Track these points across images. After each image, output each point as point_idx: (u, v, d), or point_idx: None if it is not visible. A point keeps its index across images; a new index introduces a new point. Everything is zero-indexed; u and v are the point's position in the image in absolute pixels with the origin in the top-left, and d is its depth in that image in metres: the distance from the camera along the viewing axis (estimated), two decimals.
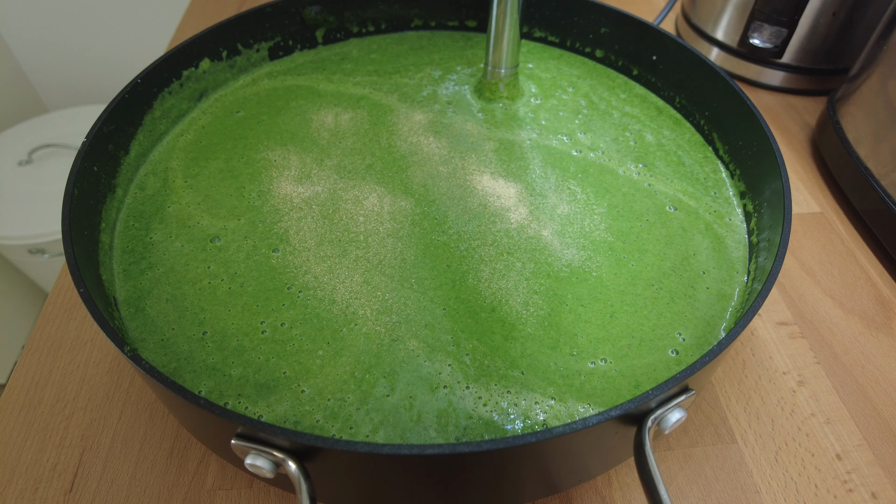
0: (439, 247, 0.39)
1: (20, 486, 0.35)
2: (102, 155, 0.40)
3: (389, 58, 0.55)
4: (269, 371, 0.33)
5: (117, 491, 0.35)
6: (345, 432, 0.31)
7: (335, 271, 0.38)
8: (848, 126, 0.53)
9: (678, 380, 0.26)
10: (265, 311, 0.36)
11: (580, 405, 0.32)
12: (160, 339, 0.34)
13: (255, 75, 0.52)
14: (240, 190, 0.43)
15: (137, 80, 0.43)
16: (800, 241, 0.50)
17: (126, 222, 0.40)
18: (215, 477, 0.36)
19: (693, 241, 0.40)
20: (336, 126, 0.48)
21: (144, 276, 0.37)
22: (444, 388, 0.33)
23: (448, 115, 0.49)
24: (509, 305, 0.36)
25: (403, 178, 0.44)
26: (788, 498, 0.36)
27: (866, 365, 0.42)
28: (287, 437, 0.24)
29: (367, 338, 0.35)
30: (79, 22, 1.38)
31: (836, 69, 0.63)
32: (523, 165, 0.45)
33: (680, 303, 0.37)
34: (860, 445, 0.38)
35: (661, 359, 0.34)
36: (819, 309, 0.45)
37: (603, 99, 0.51)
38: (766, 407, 0.40)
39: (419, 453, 0.23)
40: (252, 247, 0.39)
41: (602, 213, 0.42)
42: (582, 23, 0.53)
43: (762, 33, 0.62)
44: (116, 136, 0.41)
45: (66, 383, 0.40)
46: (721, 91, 0.44)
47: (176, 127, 0.47)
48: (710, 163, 0.46)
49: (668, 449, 0.38)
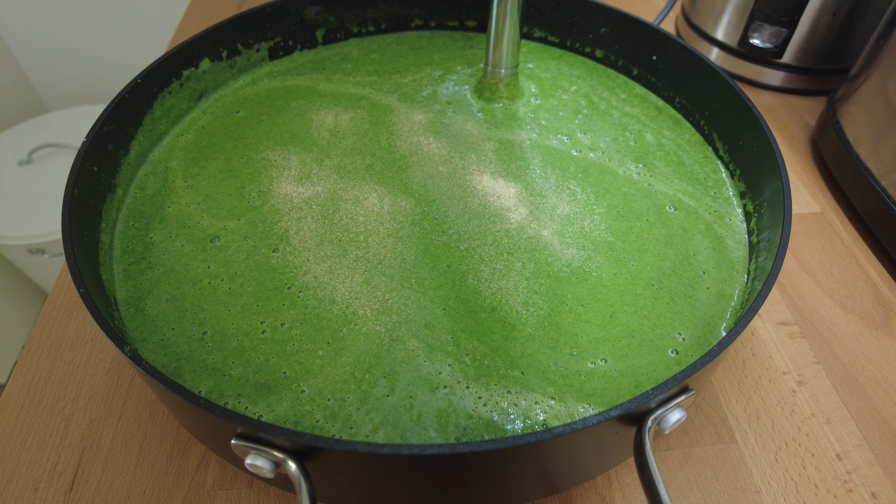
0: (439, 247, 0.39)
1: (20, 485, 0.35)
2: (102, 155, 0.40)
3: (389, 58, 0.55)
4: (269, 371, 0.33)
5: (117, 491, 0.35)
6: (345, 432, 0.31)
7: (335, 271, 0.38)
8: (848, 126, 0.53)
9: (678, 380, 0.26)
10: (265, 311, 0.36)
11: (580, 405, 0.32)
12: (160, 339, 0.34)
13: (255, 75, 0.52)
14: (240, 190, 0.43)
15: (137, 80, 0.43)
16: (800, 241, 0.50)
17: (126, 222, 0.40)
18: (215, 477, 0.36)
19: (693, 241, 0.40)
20: (336, 126, 0.48)
21: (144, 276, 0.37)
22: (444, 388, 0.33)
23: (448, 115, 0.49)
24: (509, 305, 0.36)
25: (403, 178, 0.44)
26: (788, 498, 0.36)
27: (866, 365, 0.42)
28: (287, 437, 0.24)
29: (367, 338, 0.35)
30: (79, 22, 1.38)
31: (836, 69, 0.63)
32: (523, 165, 0.45)
33: (680, 303, 0.37)
34: (860, 445, 0.38)
35: (661, 359, 0.34)
36: (819, 309, 0.45)
37: (603, 99, 0.51)
38: (766, 407, 0.40)
39: (419, 453, 0.23)
40: (252, 247, 0.39)
41: (602, 213, 0.42)
42: (582, 23, 0.53)
43: (762, 33, 0.62)
44: (116, 136, 0.41)
45: (66, 383, 0.40)
46: (721, 91, 0.44)
47: (176, 127, 0.47)
48: (710, 163, 0.46)
49: (668, 449, 0.38)
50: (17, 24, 1.36)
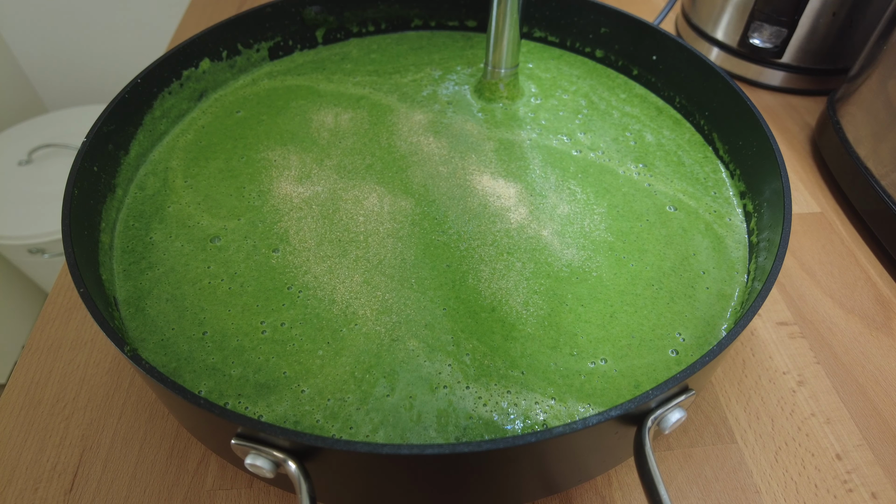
0: (439, 247, 0.39)
1: (20, 485, 0.35)
2: (102, 155, 0.40)
3: (389, 58, 0.55)
4: (269, 371, 0.33)
5: (117, 491, 0.35)
6: (345, 432, 0.31)
7: (335, 271, 0.38)
8: (848, 126, 0.53)
9: (678, 380, 0.26)
10: (265, 311, 0.36)
11: (580, 405, 0.32)
12: (160, 339, 0.34)
13: (255, 75, 0.52)
14: (240, 190, 0.43)
15: (137, 80, 0.43)
16: (800, 241, 0.50)
17: (126, 222, 0.40)
18: (215, 477, 0.36)
19: (693, 241, 0.40)
20: (336, 126, 0.48)
21: (144, 276, 0.37)
22: (443, 388, 0.33)
23: (448, 115, 0.49)
24: (509, 305, 0.36)
25: (403, 178, 0.44)
26: (788, 498, 0.36)
27: (866, 365, 0.42)
28: (287, 437, 0.24)
29: (367, 338, 0.35)
30: (79, 22, 1.38)
31: (835, 69, 0.63)
32: (523, 165, 0.45)
33: (680, 303, 0.37)
34: (860, 445, 0.38)
35: (661, 359, 0.34)
36: (819, 309, 0.45)
37: (603, 99, 0.51)
38: (765, 407, 0.40)
39: (419, 453, 0.23)
40: (252, 247, 0.39)
41: (602, 213, 0.42)
42: (582, 23, 0.53)
43: (762, 33, 0.62)
44: (116, 136, 0.41)
45: (66, 383, 0.40)
46: (721, 91, 0.44)
47: (176, 127, 0.47)
48: (710, 163, 0.46)
49: (667, 449, 0.38)
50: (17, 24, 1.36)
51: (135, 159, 0.44)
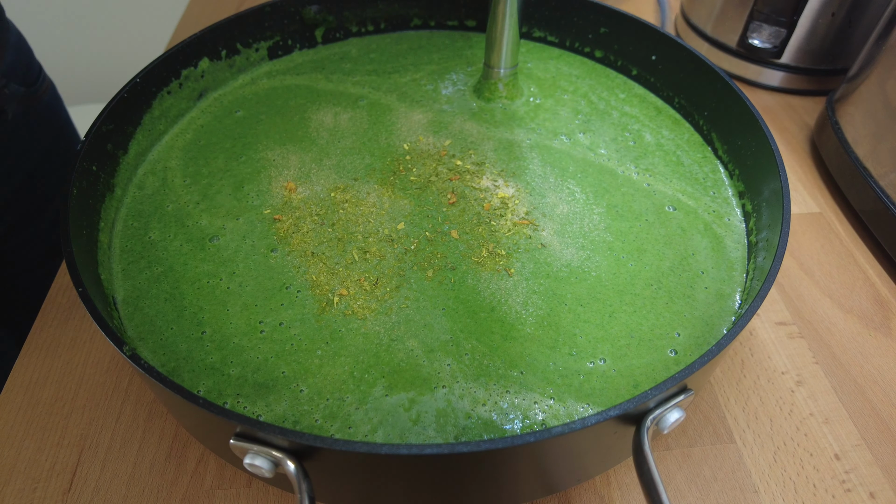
0: (438, 246, 0.39)
1: (19, 485, 0.35)
2: (101, 154, 0.40)
3: (389, 57, 0.55)
4: (268, 371, 0.33)
5: (116, 490, 0.35)
6: (343, 432, 0.31)
7: (334, 271, 0.38)
8: (847, 126, 0.53)
9: (677, 380, 0.26)
10: (264, 311, 0.36)
11: (579, 405, 0.32)
12: (159, 338, 0.34)
13: (254, 75, 0.52)
14: (238, 189, 0.43)
15: (136, 80, 0.43)
16: (798, 241, 0.50)
17: (125, 222, 0.40)
18: (214, 476, 0.36)
19: (692, 240, 0.40)
20: (335, 125, 0.48)
21: (143, 276, 0.37)
22: (442, 387, 0.33)
23: (447, 115, 0.49)
24: (508, 305, 0.36)
25: (402, 178, 0.44)
26: (787, 498, 0.36)
27: (864, 365, 0.42)
28: (286, 436, 0.24)
29: (366, 337, 0.35)
30: (78, 22, 1.38)
31: (835, 69, 0.63)
32: (522, 165, 0.45)
33: (679, 303, 0.37)
34: (858, 445, 0.38)
35: (659, 358, 0.34)
36: (818, 309, 0.45)
37: (602, 99, 0.51)
38: (764, 407, 0.40)
39: (418, 453, 0.23)
40: (251, 246, 0.39)
41: (601, 212, 0.42)
42: (581, 23, 0.53)
43: (761, 33, 0.62)
44: (115, 136, 0.41)
45: (65, 383, 0.40)
46: (720, 91, 0.44)
47: (175, 126, 0.47)
48: (709, 163, 0.46)
49: (666, 449, 0.38)
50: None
51: (134, 159, 0.43)
